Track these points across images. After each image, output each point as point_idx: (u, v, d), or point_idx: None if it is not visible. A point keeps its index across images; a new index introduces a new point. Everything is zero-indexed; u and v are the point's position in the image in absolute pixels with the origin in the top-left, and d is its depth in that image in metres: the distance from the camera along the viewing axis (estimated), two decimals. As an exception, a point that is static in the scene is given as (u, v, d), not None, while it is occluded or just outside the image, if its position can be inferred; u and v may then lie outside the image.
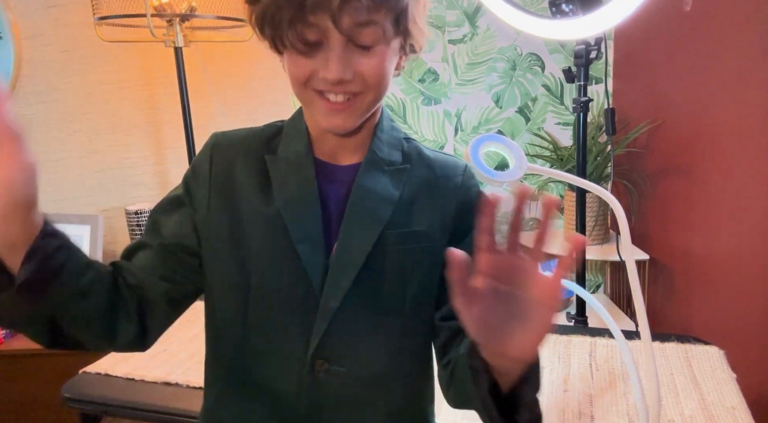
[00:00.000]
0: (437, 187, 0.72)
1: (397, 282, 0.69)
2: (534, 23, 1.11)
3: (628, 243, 0.69)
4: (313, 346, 0.65)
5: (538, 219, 2.22)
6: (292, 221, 0.66)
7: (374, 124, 0.71)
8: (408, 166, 0.71)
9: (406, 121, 2.22)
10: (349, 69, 0.59)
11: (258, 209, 0.67)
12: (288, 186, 0.67)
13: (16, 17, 2.08)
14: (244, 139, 0.71)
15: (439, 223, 0.71)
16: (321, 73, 0.59)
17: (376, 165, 0.70)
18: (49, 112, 2.16)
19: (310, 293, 0.65)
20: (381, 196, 0.68)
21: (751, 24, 1.26)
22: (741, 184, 1.33)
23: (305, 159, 0.68)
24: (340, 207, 0.68)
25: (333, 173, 0.70)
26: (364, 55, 0.60)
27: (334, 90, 0.60)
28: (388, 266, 0.68)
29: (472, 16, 2.11)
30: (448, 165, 0.74)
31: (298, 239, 0.65)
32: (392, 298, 0.69)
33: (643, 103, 1.87)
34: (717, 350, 1.06)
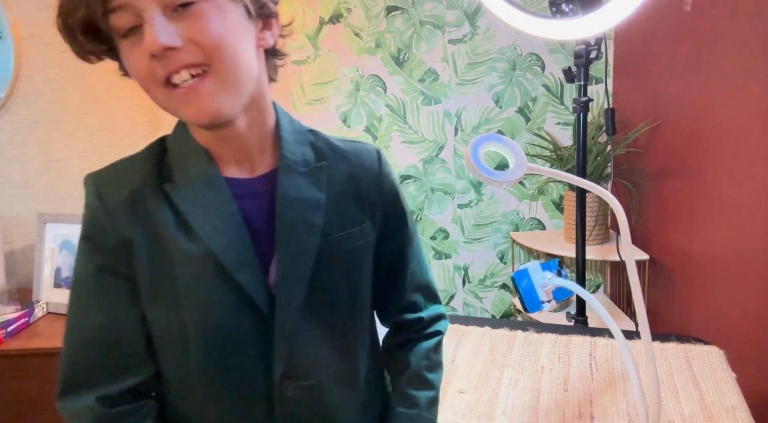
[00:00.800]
0: (358, 179, 0.69)
1: (346, 285, 0.68)
2: (534, 23, 1.11)
3: (628, 243, 0.69)
4: (279, 371, 0.63)
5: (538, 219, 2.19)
6: (223, 251, 0.60)
7: (273, 124, 0.67)
8: (324, 162, 0.67)
9: (406, 121, 2.22)
10: (173, 35, 0.52)
11: (179, 247, 0.60)
12: (206, 214, 0.61)
13: (16, 17, 2.08)
14: (129, 172, 0.63)
15: (369, 217, 0.70)
16: (146, 49, 0.52)
17: (292, 169, 0.65)
18: (49, 112, 2.16)
19: (260, 320, 0.62)
20: (308, 202, 0.64)
21: (751, 24, 1.26)
22: (741, 184, 1.33)
23: (213, 179, 0.62)
24: (263, 222, 0.63)
25: (245, 188, 0.64)
26: (185, 17, 0.53)
27: (169, 66, 0.53)
28: (334, 272, 0.66)
29: (472, 16, 2.11)
30: (362, 154, 0.71)
31: (235, 269, 0.60)
32: (343, 301, 0.68)
33: (643, 103, 1.87)
34: (717, 350, 1.06)
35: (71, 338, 0.63)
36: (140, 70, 0.55)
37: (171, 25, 0.53)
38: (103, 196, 0.61)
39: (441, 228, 2.30)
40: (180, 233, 0.60)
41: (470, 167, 0.67)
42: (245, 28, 0.58)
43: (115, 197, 0.61)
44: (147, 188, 0.61)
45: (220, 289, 0.61)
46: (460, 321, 1.26)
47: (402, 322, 0.78)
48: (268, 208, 0.64)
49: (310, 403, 0.66)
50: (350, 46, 2.18)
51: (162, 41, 0.52)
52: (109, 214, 0.61)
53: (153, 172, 0.62)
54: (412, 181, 2.27)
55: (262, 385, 0.63)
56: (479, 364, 1.06)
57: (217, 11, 0.55)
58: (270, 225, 0.63)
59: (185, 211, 0.60)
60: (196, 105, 0.56)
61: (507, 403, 0.92)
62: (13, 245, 2.16)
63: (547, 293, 0.76)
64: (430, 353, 0.76)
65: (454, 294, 2.35)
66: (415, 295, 0.78)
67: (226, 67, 0.56)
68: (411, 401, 0.72)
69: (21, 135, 2.16)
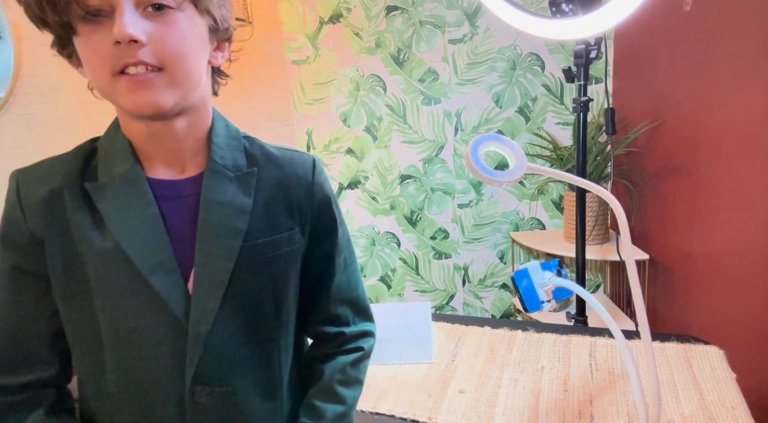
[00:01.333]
0: (289, 187, 0.69)
1: (269, 291, 0.67)
2: (534, 23, 1.11)
3: (628, 243, 0.69)
4: (190, 375, 0.62)
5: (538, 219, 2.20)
6: (138, 253, 0.60)
7: (207, 129, 0.67)
8: (255, 168, 0.68)
9: (406, 121, 2.22)
10: (141, 30, 0.55)
11: (94, 247, 0.60)
12: (123, 215, 0.61)
13: (16, 17, 2.08)
14: (53, 170, 0.63)
15: (298, 224, 0.70)
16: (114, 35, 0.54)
17: (219, 173, 0.65)
18: (49, 112, 2.16)
19: (175, 323, 0.61)
20: (232, 207, 0.64)
21: (751, 24, 1.26)
22: (741, 184, 1.33)
23: (135, 179, 0.62)
24: (187, 225, 0.63)
25: (171, 189, 0.64)
26: (157, 19, 0.56)
27: (127, 57, 0.55)
28: (257, 278, 0.66)
29: (472, 16, 2.11)
30: (296, 162, 0.71)
31: (148, 271, 0.60)
32: (265, 308, 0.68)
33: (643, 103, 1.87)
34: (717, 350, 1.06)
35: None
36: (98, 54, 0.56)
37: (141, 20, 0.55)
38: (21, 194, 0.62)
39: (441, 228, 2.30)
40: (96, 233, 0.61)
41: (470, 167, 0.67)
42: (204, 45, 0.62)
43: (33, 196, 0.62)
44: (67, 187, 0.62)
45: (134, 292, 0.61)
46: (460, 321, 1.26)
47: (323, 334, 0.77)
48: (192, 212, 0.64)
49: (225, 412, 0.65)
50: (350, 46, 2.18)
51: (130, 31, 0.54)
52: (24, 212, 0.61)
53: (76, 171, 0.63)
54: (412, 181, 2.27)
55: (174, 389, 0.63)
56: (479, 364, 1.06)
57: (187, 24, 0.58)
58: (194, 229, 0.63)
59: (103, 211, 0.61)
60: (141, 95, 0.57)
61: (507, 403, 0.92)
62: (13, 245, 2.16)
63: (547, 293, 0.76)
64: (347, 368, 0.75)
65: (454, 294, 2.35)
66: (340, 308, 0.77)
67: (178, 74, 0.58)
68: (316, 413, 0.71)
69: (21, 135, 2.16)
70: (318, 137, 2.28)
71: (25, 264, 0.62)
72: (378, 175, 2.29)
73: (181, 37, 0.58)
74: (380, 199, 2.31)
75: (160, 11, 0.56)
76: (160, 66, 0.56)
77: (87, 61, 0.57)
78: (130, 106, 0.57)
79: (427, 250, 2.33)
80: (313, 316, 0.76)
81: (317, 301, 0.75)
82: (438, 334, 1.20)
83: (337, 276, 0.75)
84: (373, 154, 2.27)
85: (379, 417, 0.89)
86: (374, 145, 2.26)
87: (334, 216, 0.74)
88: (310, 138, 2.28)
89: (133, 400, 0.63)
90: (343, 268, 0.76)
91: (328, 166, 2.31)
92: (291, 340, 0.72)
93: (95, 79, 0.58)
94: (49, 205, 0.61)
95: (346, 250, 0.77)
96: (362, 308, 0.79)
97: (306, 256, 0.72)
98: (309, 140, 2.29)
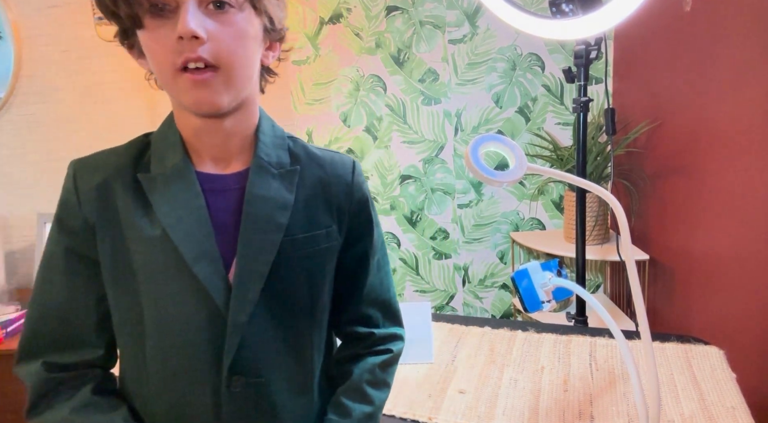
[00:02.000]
0: (330, 186, 0.72)
1: (305, 286, 0.69)
2: (534, 23, 1.11)
3: (628, 243, 0.69)
4: (227, 364, 0.64)
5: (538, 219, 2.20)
6: (183, 242, 0.62)
7: (254, 127, 0.69)
8: (298, 167, 0.70)
9: (406, 121, 2.22)
10: (202, 27, 0.57)
11: (142, 234, 0.63)
12: (172, 205, 0.63)
13: (16, 17, 2.08)
14: (108, 161, 0.66)
15: (336, 222, 0.72)
16: (177, 31, 0.57)
17: (264, 170, 0.68)
18: (49, 112, 2.16)
19: (215, 312, 0.63)
20: (276, 202, 0.67)
21: (751, 24, 1.26)
22: (741, 184, 1.33)
23: (185, 172, 0.65)
24: (231, 218, 0.66)
25: (217, 183, 0.67)
26: (218, 18, 0.59)
27: (188, 52, 0.58)
28: (294, 272, 0.68)
29: (472, 16, 2.11)
30: (336, 163, 0.74)
31: (193, 260, 0.62)
32: (301, 302, 0.69)
33: (643, 103, 1.87)
34: (717, 350, 1.06)
35: (31, 310, 0.67)
36: (162, 48, 0.59)
37: (203, 18, 0.58)
38: (78, 181, 0.65)
39: (441, 228, 2.30)
40: (144, 221, 0.63)
41: (470, 167, 0.67)
42: (258, 45, 0.65)
43: (88, 183, 0.65)
44: (120, 177, 0.65)
45: (178, 279, 0.63)
46: (460, 321, 1.26)
47: (353, 334, 0.78)
48: (237, 206, 0.66)
49: (258, 402, 0.66)
50: (350, 46, 2.18)
51: (192, 27, 0.56)
52: (79, 198, 0.65)
53: (129, 163, 0.66)
54: (412, 181, 2.27)
55: (211, 378, 0.65)
56: (479, 364, 1.06)
57: (245, 24, 0.61)
58: (238, 222, 0.66)
59: (153, 201, 0.63)
60: (200, 93, 0.60)
61: (507, 403, 0.92)
62: (13, 245, 2.16)
63: (547, 293, 0.76)
64: (376, 369, 0.75)
65: (454, 294, 2.35)
66: (371, 309, 0.78)
67: (233, 74, 0.61)
68: (344, 411, 0.72)
69: (21, 135, 2.16)
70: (318, 137, 2.28)
71: (77, 247, 0.65)
72: (378, 175, 2.29)
73: (238, 38, 0.61)
74: (380, 199, 2.31)
75: (221, 9, 0.59)
76: (216, 64, 0.59)
77: (152, 54, 0.60)
78: (192, 103, 0.60)
79: (427, 251, 2.33)
80: (344, 315, 0.77)
81: (349, 300, 0.77)
82: (438, 334, 1.20)
83: (370, 276, 0.77)
84: (373, 155, 2.27)
85: (379, 417, 0.89)
86: (374, 145, 2.26)
87: (370, 216, 0.77)
88: (310, 138, 2.28)
89: (171, 387, 0.65)
90: (377, 270, 0.78)
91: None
92: (324, 338, 0.74)
93: (159, 72, 0.61)
94: (102, 193, 0.64)
95: (380, 251, 0.79)
96: (392, 311, 0.81)
97: (341, 254, 0.74)
98: (309, 140, 2.29)
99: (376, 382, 0.75)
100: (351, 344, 0.78)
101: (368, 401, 0.73)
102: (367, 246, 0.77)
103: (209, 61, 0.58)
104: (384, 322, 0.79)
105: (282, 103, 2.20)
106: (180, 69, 0.58)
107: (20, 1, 2.07)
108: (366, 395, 0.73)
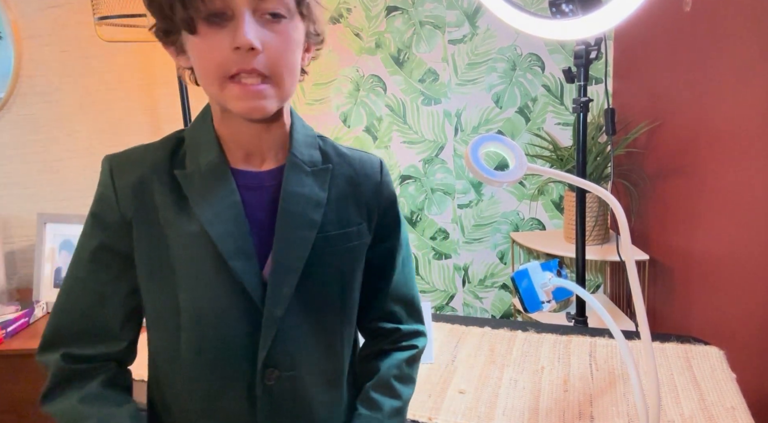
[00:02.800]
0: (359, 185, 0.73)
1: (337, 282, 0.71)
2: (534, 23, 1.11)
3: (628, 243, 0.69)
4: (262, 358, 0.65)
5: (538, 219, 2.20)
6: (221, 238, 0.63)
7: (289, 125, 0.71)
8: (330, 165, 0.72)
9: (406, 121, 2.22)
10: (257, 39, 0.58)
11: (180, 230, 0.64)
12: (208, 201, 0.64)
13: (16, 17, 2.08)
14: (144, 157, 0.67)
15: (366, 220, 0.73)
16: (234, 41, 0.57)
17: (299, 167, 0.69)
18: (49, 112, 2.16)
19: (250, 306, 0.65)
20: (310, 199, 0.68)
21: (751, 24, 1.26)
22: (741, 184, 1.33)
23: (221, 169, 0.66)
24: (265, 214, 0.67)
25: (252, 180, 0.68)
26: (271, 28, 0.60)
27: (244, 64, 0.58)
28: (327, 269, 0.69)
29: (472, 16, 2.11)
30: (365, 162, 0.76)
31: (230, 255, 0.63)
32: (333, 298, 0.71)
33: (643, 103, 1.87)
34: (717, 350, 1.06)
35: (59, 301, 0.68)
36: (216, 57, 0.59)
37: (258, 29, 0.59)
38: (115, 176, 0.65)
39: (441, 228, 2.30)
40: (183, 217, 0.64)
41: (470, 167, 0.67)
42: (301, 49, 0.66)
43: (125, 179, 0.65)
44: (156, 173, 0.65)
45: (215, 274, 0.64)
46: (460, 321, 1.26)
47: (379, 330, 0.79)
48: (271, 202, 0.67)
49: (292, 396, 0.68)
50: (350, 46, 2.18)
51: (251, 39, 0.57)
52: (117, 193, 0.65)
53: (165, 159, 0.66)
54: (412, 181, 2.27)
55: (246, 372, 0.66)
56: (479, 364, 1.06)
57: (295, 33, 0.62)
58: (271, 218, 0.66)
59: (190, 197, 0.64)
60: (251, 102, 0.61)
61: (507, 404, 0.92)
62: (13, 245, 2.16)
63: (547, 293, 0.76)
64: (402, 364, 0.77)
65: (454, 294, 2.35)
66: (396, 306, 0.79)
67: (284, 83, 0.62)
68: (374, 405, 0.73)
69: (21, 135, 2.16)
70: (318, 137, 2.28)
71: (111, 242, 0.66)
72: (378, 176, 2.29)
73: (289, 48, 0.62)
74: (380, 199, 2.31)
75: (275, 19, 0.60)
76: (269, 75, 0.60)
77: (202, 60, 0.61)
78: (241, 111, 0.61)
79: (427, 251, 2.33)
80: (370, 311, 0.78)
81: (376, 296, 0.78)
82: (438, 334, 1.20)
83: (396, 273, 0.79)
84: (373, 155, 2.27)
85: (379, 417, 0.89)
86: (374, 145, 2.26)
87: (397, 214, 0.79)
88: (310, 138, 2.28)
89: (205, 380, 0.66)
90: (402, 267, 0.80)
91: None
92: (352, 333, 0.76)
93: (206, 77, 0.61)
94: (140, 189, 0.65)
95: (405, 249, 0.80)
96: (416, 308, 0.82)
97: (369, 251, 0.75)
98: (309, 140, 2.29)
99: (403, 378, 0.76)
100: (377, 340, 0.79)
101: (396, 396, 0.75)
102: (395, 243, 0.78)
103: (263, 72, 0.59)
104: (408, 319, 0.81)
105: (282, 103, 2.20)
106: (230, 77, 0.59)
107: (20, 1, 2.07)
108: (394, 390, 0.75)
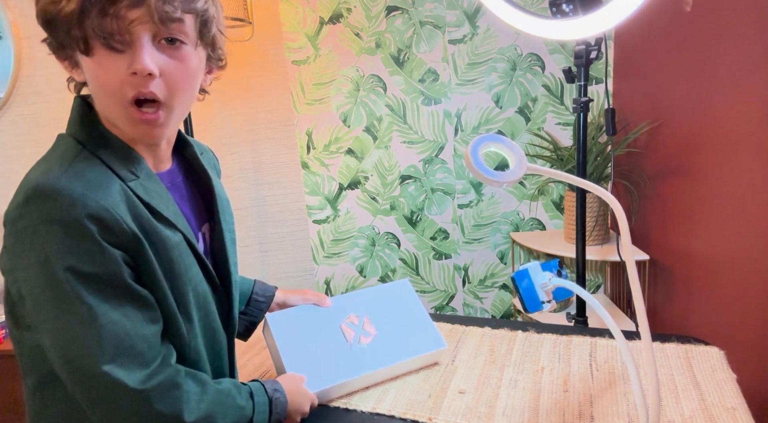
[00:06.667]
0: (213, 168, 0.88)
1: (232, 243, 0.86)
2: (534, 23, 1.11)
3: (628, 243, 0.69)
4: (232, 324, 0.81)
5: (538, 219, 2.19)
6: (188, 234, 0.71)
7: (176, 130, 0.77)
8: (203, 152, 0.84)
9: (406, 121, 2.22)
10: (155, 64, 0.60)
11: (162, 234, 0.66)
12: (164, 205, 0.68)
13: (16, 17, 2.08)
14: (103, 179, 0.62)
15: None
16: (132, 66, 0.59)
17: (205, 165, 0.82)
18: (49, 112, 2.16)
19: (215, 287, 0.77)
20: (220, 184, 0.84)
21: (751, 24, 1.26)
22: (741, 184, 1.33)
23: (151, 173, 0.69)
24: (187, 206, 0.77)
25: (167, 179, 0.75)
26: (169, 53, 0.62)
27: (141, 87, 0.60)
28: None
29: (472, 16, 2.11)
30: (205, 149, 0.89)
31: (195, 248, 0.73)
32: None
33: (643, 103, 1.87)
34: (717, 351, 1.06)
35: (109, 330, 0.62)
36: (114, 81, 0.60)
37: (157, 54, 0.60)
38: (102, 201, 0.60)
39: (441, 228, 2.30)
40: (155, 222, 0.66)
41: (470, 168, 0.67)
42: (201, 73, 0.69)
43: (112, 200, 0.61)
44: (121, 188, 0.64)
45: (194, 264, 0.72)
46: (460, 321, 1.26)
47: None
48: (184, 195, 0.77)
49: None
50: (350, 46, 2.18)
51: (148, 65, 0.59)
52: (120, 215, 0.62)
53: (113, 174, 0.64)
54: (412, 181, 2.27)
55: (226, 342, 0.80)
56: (479, 364, 1.06)
57: (194, 59, 0.65)
58: (192, 209, 0.77)
59: (153, 204, 0.67)
60: (148, 130, 0.64)
61: (507, 404, 0.92)
62: (13, 245, 2.16)
63: (547, 293, 0.76)
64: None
65: (454, 294, 2.35)
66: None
67: (179, 109, 0.66)
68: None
69: (21, 135, 2.16)
70: (318, 137, 2.28)
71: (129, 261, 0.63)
72: (378, 176, 2.29)
73: (188, 74, 0.64)
74: (380, 199, 2.31)
75: (172, 45, 0.62)
76: (164, 100, 0.62)
77: (99, 82, 0.61)
78: (137, 136, 0.65)
79: (427, 251, 2.33)
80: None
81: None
82: (438, 334, 1.20)
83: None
84: (373, 155, 2.27)
85: (379, 417, 0.89)
86: (374, 145, 2.26)
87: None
88: (310, 138, 2.28)
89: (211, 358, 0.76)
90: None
91: (328, 167, 2.31)
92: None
93: (104, 98, 0.63)
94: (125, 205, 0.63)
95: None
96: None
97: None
98: (309, 140, 2.29)
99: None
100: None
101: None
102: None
103: (160, 97, 0.62)
104: None
105: (282, 103, 2.20)
106: (130, 101, 0.61)
107: (20, 1, 2.07)
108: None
